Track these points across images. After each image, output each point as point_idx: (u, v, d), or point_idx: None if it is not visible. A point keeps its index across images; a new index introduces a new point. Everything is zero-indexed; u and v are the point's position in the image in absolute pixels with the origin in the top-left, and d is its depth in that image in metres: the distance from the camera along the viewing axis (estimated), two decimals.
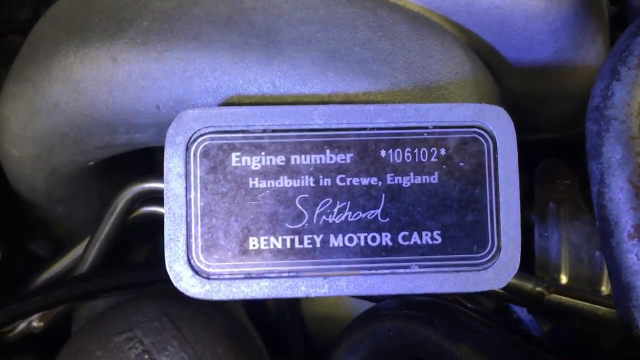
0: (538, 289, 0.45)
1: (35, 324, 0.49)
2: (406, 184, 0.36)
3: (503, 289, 0.45)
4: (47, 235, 0.55)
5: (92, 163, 0.46)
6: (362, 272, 0.35)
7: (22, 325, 0.48)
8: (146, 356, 0.40)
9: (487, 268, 0.36)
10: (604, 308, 0.45)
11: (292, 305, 0.55)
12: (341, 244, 0.35)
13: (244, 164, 0.35)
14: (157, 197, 0.48)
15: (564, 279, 0.50)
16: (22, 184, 0.48)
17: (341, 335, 0.42)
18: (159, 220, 0.50)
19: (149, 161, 0.57)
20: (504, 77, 0.48)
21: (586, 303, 0.45)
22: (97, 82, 0.39)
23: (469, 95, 0.41)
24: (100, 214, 0.48)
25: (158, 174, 0.47)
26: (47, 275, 0.50)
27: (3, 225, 0.52)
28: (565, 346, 0.51)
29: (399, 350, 0.39)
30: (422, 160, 0.36)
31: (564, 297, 0.45)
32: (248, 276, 0.35)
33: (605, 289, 0.50)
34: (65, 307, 0.49)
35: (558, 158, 0.55)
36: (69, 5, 0.42)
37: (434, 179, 0.36)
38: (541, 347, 0.40)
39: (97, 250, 0.48)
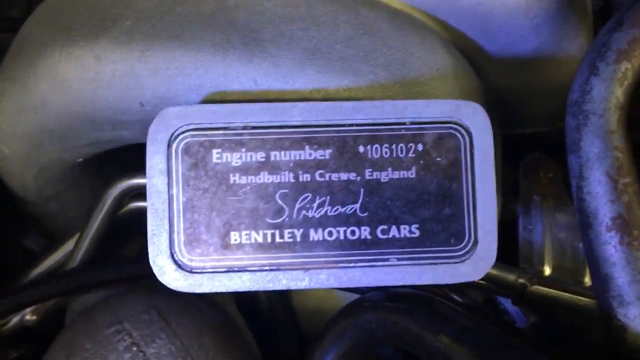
0: (521, 280, 0.46)
1: (28, 317, 0.49)
2: (384, 179, 0.36)
3: (487, 280, 0.46)
4: (41, 230, 0.56)
5: (80, 160, 0.47)
6: (341, 265, 0.36)
7: (16, 319, 0.49)
8: (134, 348, 0.41)
9: (464, 260, 0.36)
10: (586, 299, 0.45)
11: (283, 298, 0.56)
12: (321, 238, 0.36)
13: (224, 160, 0.36)
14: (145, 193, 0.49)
15: (547, 271, 0.51)
16: (13, 181, 0.49)
17: (326, 327, 0.42)
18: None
19: (138, 157, 0.57)
20: (487, 73, 0.49)
21: (568, 294, 0.46)
22: (82, 80, 0.39)
23: (449, 91, 0.42)
24: (89, 209, 0.49)
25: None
26: (38, 270, 0.51)
27: None
28: (551, 338, 0.51)
29: (381, 342, 0.40)
30: (400, 155, 0.36)
31: (546, 289, 0.46)
32: (230, 270, 0.36)
33: (587, 280, 0.50)
34: (57, 301, 0.50)
35: (542, 152, 0.56)
36: (56, 4, 0.43)
37: (411, 173, 0.36)
38: (522, 338, 0.40)
39: (88, 245, 0.49)
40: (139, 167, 0.57)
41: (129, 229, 0.56)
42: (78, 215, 0.53)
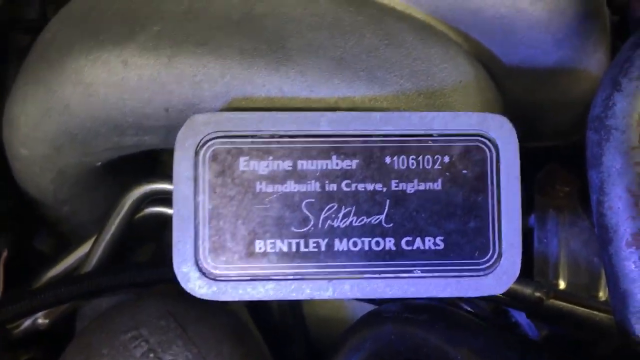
0: (537, 294, 0.46)
1: (40, 320, 0.49)
2: (410, 190, 0.36)
3: (503, 293, 0.46)
4: (53, 233, 0.56)
5: (99, 164, 0.47)
6: (365, 275, 0.36)
7: (28, 322, 0.49)
8: (151, 355, 0.41)
9: (488, 274, 0.36)
10: (601, 314, 0.45)
11: (294, 307, 0.56)
12: (345, 248, 0.36)
13: (251, 168, 0.36)
14: (163, 198, 0.49)
15: (562, 285, 0.51)
16: (29, 183, 0.48)
17: (342, 338, 0.42)
18: (164, 220, 0.51)
19: (154, 163, 0.57)
20: (507, 85, 0.49)
21: (584, 309, 0.46)
22: (108, 85, 0.39)
23: (472, 103, 0.42)
24: (106, 213, 0.49)
25: (165, 176, 0.47)
26: (53, 272, 0.51)
27: (10, 223, 0.52)
28: (562, 351, 0.51)
29: (400, 353, 0.40)
30: (427, 167, 0.36)
31: (562, 303, 0.46)
32: (254, 278, 0.36)
33: (602, 294, 0.51)
34: (70, 305, 0.49)
35: (559, 164, 0.56)
36: (82, 7, 0.43)
37: (437, 185, 0.36)
38: (541, 350, 0.40)
39: (103, 249, 0.49)
40: (154, 173, 0.57)
41: (141, 234, 0.56)
42: (89, 219, 0.53)
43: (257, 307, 0.53)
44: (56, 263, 0.51)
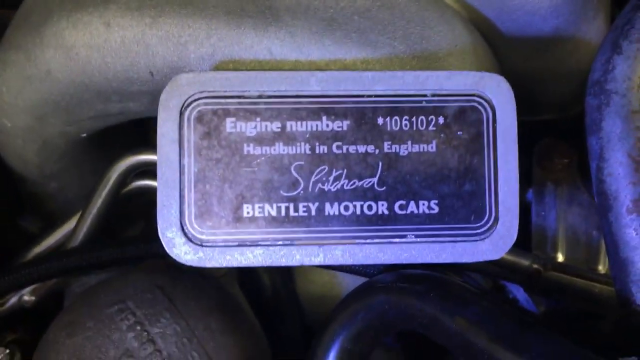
0: (535, 266, 0.45)
1: (26, 297, 0.48)
2: (404, 153, 0.35)
3: (500, 265, 0.45)
4: (39, 211, 0.55)
5: (84, 135, 0.45)
6: (357, 241, 0.35)
7: (14, 300, 0.48)
8: (138, 327, 0.40)
9: (484, 238, 0.35)
10: (601, 285, 0.44)
11: (286, 283, 0.55)
12: (337, 212, 0.35)
13: (238, 129, 0.35)
14: (150, 170, 0.47)
15: (560, 258, 0.50)
16: (14, 157, 0.47)
17: (336, 309, 0.41)
18: (152, 194, 0.49)
19: (142, 136, 0.56)
20: (504, 54, 0.48)
21: (583, 280, 0.45)
22: (90, 48, 0.38)
23: (468, 67, 0.41)
24: (91, 188, 0.48)
25: (152, 146, 0.46)
26: (38, 249, 0.50)
27: None
28: (560, 324, 0.50)
29: (394, 323, 0.39)
30: (420, 128, 0.35)
31: (561, 275, 0.45)
32: (242, 244, 0.34)
33: (602, 268, 0.50)
34: (57, 282, 0.48)
35: (557, 138, 0.55)
36: None
37: (432, 147, 0.35)
38: (538, 320, 0.39)
39: (90, 224, 0.47)
40: (142, 144, 0.56)
41: (130, 210, 0.55)
42: (78, 196, 0.52)
43: (249, 285, 0.52)
44: (42, 239, 0.50)
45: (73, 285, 0.51)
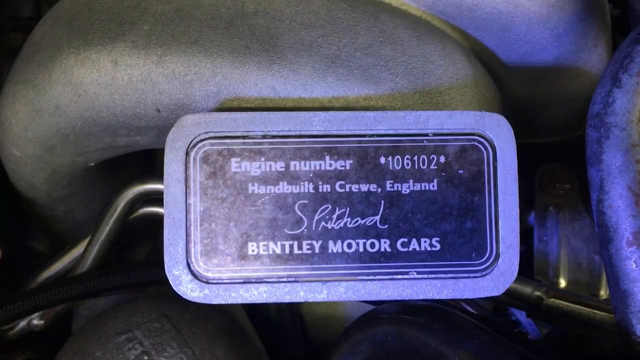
0: (537, 293, 0.45)
1: (35, 322, 0.49)
2: (405, 191, 0.36)
3: (503, 292, 0.45)
4: (48, 232, 0.56)
5: (92, 164, 0.46)
6: (360, 277, 0.35)
7: (23, 323, 0.49)
8: (145, 357, 0.40)
9: (485, 275, 0.36)
10: (602, 313, 0.45)
11: (290, 306, 0.55)
12: (340, 250, 0.35)
13: (243, 169, 0.35)
14: (157, 198, 0.48)
15: (562, 283, 0.50)
16: (23, 183, 0.48)
17: (339, 339, 0.42)
18: (159, 220, 0.50)
19: (150, 161, 0.57)
20: (505, 82, 0.48)
21: (584, 308, 0.45)
22: (98, 85, 0.39)
23: (469, 101, 0.41)
24: (100, 213, 0.49)
25: (159, 175, 0.47)
26: (47, 273, 0.51)
27: (4, 223, 0.52)
28: (563, 349, 0.51)
29: (397, 355, 0.39)
30: (422, 167, 0.36)
31: (562, 302, 0.45)
32: (247, 281, 0.35)
33: (604, 293, 0.50)
34: (65, 306, 0.49)
35: (559, 162, 0.55)
36: (71, 6, 0.42)
37: (433, 186, 0.36)
38: (540, 353, 0.40)
39: (98, 249, 0.48)
40: (149, 173, 0.57)
41: (137, 233, 0.56)
42: (85, 219, 0.53)
43: (254, 307, 0.53)
44: (51, 264, 0.51)
45: (81, 307, 0.52)
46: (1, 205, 0.52)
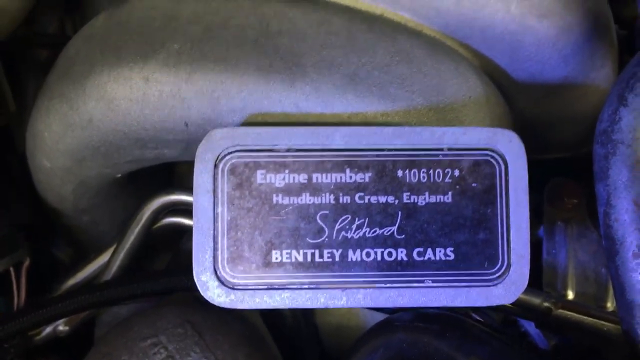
0: (546, 304, 0.46)
1: (61, 327, 0.50)
2: (421, 203, 0.37)
3: (512, 303, 0.47)
4: (71, 241, 0.57)
5: (119, 175, 0.48)
6: (378, 285, 0.37)
7: (49, 329, 0.50)
8: None
9: (497, 284, 0.37)
10: (609, 324, 0.46)
11: (306, 314, 0.57)
12: (359, 259, 0.37)
13: (268, 181, 0.37)
14: (180, 209, 0.50)
15: (570, 295, 0.51)
16: (50, 193, 0.50)
17: (355, 346, 0.43)
18: (181, 230, 0.52)
19: (168, 174, 0.59)
20: (515, 99, 0.50)
21: (593, 319, 0.46)
22: (130, 100, 0.41)
23: (482, 118, 0.43)
24: (125, 223, 0.50)
25: (183, 187, 0.49)
26: (73, 281, 0.52)
27: (31, 231, 0.54)
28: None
29: None
30: (437, 180, 0.38)
31: (571, 313, 0.46)
32: (271, 287, 0.37)
33: (610, 305, 0.51)
34: (90, 312, 0.51)
35: (567, 177, 0.56)
36: (104, 24, 0.44)
37: (448, 198, 0.38)
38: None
39: (122, 258, 0.50)
40: (171, 184, 0.59)
41: (155, 245, 0.57)
42: (109, 228, 0.55)
43: (270, 315, 0.54)
44: (76, 272, 0.52)
45: (103, 314, 0.54)
46: (29, 213, 0.53)
